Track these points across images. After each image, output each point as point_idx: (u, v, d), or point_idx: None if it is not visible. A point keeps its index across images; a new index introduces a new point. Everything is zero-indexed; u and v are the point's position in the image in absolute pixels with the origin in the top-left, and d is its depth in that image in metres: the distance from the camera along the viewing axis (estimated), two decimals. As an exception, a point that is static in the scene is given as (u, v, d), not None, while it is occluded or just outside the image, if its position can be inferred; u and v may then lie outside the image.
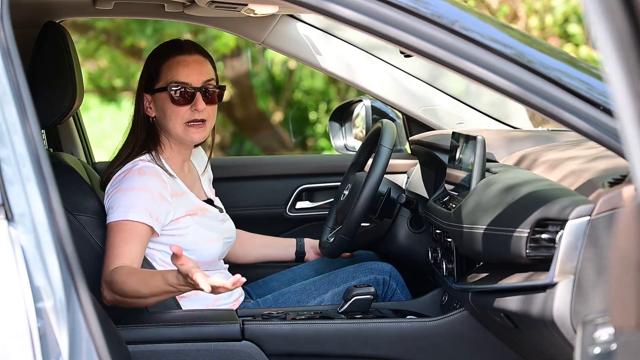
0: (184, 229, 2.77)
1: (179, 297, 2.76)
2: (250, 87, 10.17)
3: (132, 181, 2.71)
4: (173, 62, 2.81)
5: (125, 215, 2.65)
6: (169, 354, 2.56)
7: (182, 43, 2.86)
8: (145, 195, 2.68)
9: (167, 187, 2.74)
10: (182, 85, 2.78)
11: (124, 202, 2.67)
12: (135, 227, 2.65)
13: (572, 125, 1.86)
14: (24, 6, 3.04)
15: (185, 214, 2.77)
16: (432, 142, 3.24)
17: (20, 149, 1.68)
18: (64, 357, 1.61)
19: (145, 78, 2.85)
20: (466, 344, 2.64)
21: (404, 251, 3.06)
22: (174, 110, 2.79)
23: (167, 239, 2.75)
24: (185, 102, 2.79)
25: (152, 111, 2.84)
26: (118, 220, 2.66)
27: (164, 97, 2.80)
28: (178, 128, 2.80)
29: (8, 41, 1.72)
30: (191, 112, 2.79)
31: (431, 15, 1.86)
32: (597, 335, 1.46)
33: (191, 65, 2.81)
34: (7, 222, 1.66)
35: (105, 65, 10.74)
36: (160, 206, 2.70)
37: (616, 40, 1.25)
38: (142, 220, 2.65)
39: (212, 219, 2.87)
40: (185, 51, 2.82)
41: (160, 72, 2.82)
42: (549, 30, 8.39)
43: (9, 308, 1.62)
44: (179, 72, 2.79)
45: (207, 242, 2.80)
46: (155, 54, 2.88)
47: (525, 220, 2.12)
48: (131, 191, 2.69)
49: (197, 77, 2.80)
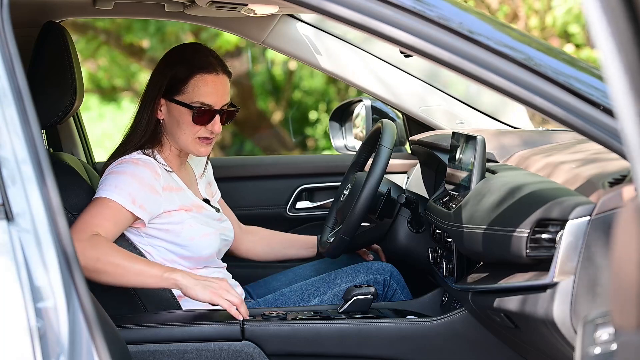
0: (178, 223, 2.78)
1: (178, 297, 2.77)
2: (251, 87, 10.17)
3: (124, 167, 2.75)
4: (200, 81, 2.80)
5: (108, 193, 2.69)
6: (169, 354, 2.56)
7: (210, 58, 2.83)
8: (132, 181, 2.72)
9: (160, 180, 2.76)
10: (205, 106, 2.80)
11: (110, 183, 2.72)
12: (114, 207, 2.68)
13: (572, 125, 1.86)
14: (24, 6, 3.04)
15: (179, 208, 2.79)
16: (432, 142, 3.24)
17: (21, 149, 1.68)
18: (64, 357, 1.61)
19: (165, 84, 2.82)
20: (466, 344, 2.64)
21: (404, 251, 3.06)
22: (189, 126, 2.81)
23: (163, 233, 2.77)
24: (204, 122, 2.81)
25: (163, 115, 2.84)
26: (101, 197, 2.70)
27: (183, 111, 2.81)
28: (189, 141, 2.83)
29: (8, 41, 1.72)
30: (205, 130, 2.82)
31: (436, 17, 1.86)
32: (598, 335, 1.46)
33: (218, 87, 2.81)
34: (7, 222, 1.66)
35: (106, 65, 10.74)
36: (148, 196, 2.72)
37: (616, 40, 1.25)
38: (123, 203, 2.68)
39: (208, 216, 2.89)
40: (213, 70, 2.81)
41: (185, 85, 2.80)
42: (549, 30, 8.39)
43: (9, 308, 1.62)
44: (206, 94, 2.80)
45: (202, 237, 2.81)
46: (180, 62, 2.84)
47: (525, 220, 2.12)
48: (121, 175, 2.73)
49: (220, 99, 2.82)
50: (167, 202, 2.77)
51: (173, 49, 2.94)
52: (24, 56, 1.78)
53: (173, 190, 2.81)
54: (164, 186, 2.77)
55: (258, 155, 9.49)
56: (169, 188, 2.79)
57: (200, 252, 2.81)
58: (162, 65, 2.87)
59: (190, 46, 2.97)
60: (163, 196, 2.76)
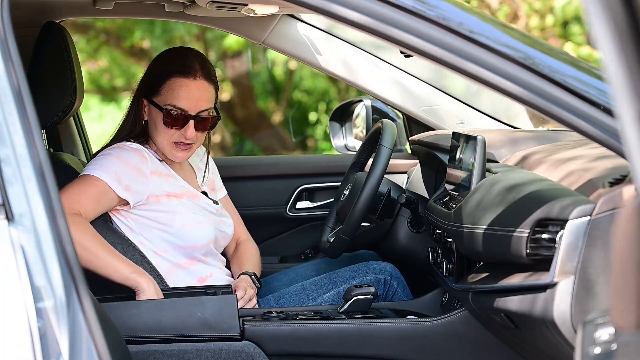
0: (168, 212, 2.78)
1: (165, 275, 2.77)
2: (251, 87, 10.17)
3: (112, 150, 2.78)
4: (175, 84, 2.79)
5: (94, 171, 2.71)
6: (169, 354, 2.55)
7: (192, 62, 2.81)
8: (119, 162, 2.73)
9: (148, 163, 2.78)
10: (178, 110, 2.78)
11: (96, 162, 2.74)
12: (99, 185, 2.69)
13: (572, 126, 1.86)
14: (24, 6, 3.04)
15: (166, 193, 2.79)
16: (433, 142, 3.24)
17: (21, 149, 1.68)
18: (64, 357, 1.61)
19: (146, 83, 2.85)
20: (466, 344, 2.64)
21: (404, 251, 3.06)
22: (163, 129, 2.81)
23: (153, 222, 2.77)
24: (176, 125, 2.80)
25: (146, 115, 2.86)
26: (86, 174, 2.71)
27: (157, 113, 2.82)
28: (165, 144, 2.83)
29: (8, 41, 1.72)
30: (179, 134, 2.81)
31: (436, 17, 1.86)
32: (598, 335, 1.46)
33: (192, 92, 2.79)
34: (7, 222, 1.66)
35: (106, 65, 10.74)
36: (134, 177, 2.74)
37: (616, 40, 1.25)
38: (108, 182, 2.69)
39: (202, 206, 2.89)
40: (191, 74, 2.79)
41: (161, 86, 2.81)
42: (549, 30, 8.39)
43: (9, 308, 1.62)
44: (179, 97, 2.78)
45: (195, 225, 2.80)
46: (162, 62, 2.86)
47: (525, 220, 2.12)
48: (108, 156, 2.75)
49: (195, 104, 2.79)
50: (154, 186, 2.77)
51: (164, 51, 2.95)
52: (24, 56, 1.78)
53: (162, 175, 2.81)
54: (151, 170, 2.78)
55: (258, 155, 9.48)
56: (157, 173, 2.80)
57: (193, 241, 2.80)
58: (149, 66, 2.90)
59: (179, 49, 2.97)
60: (150, 180, 2.77)
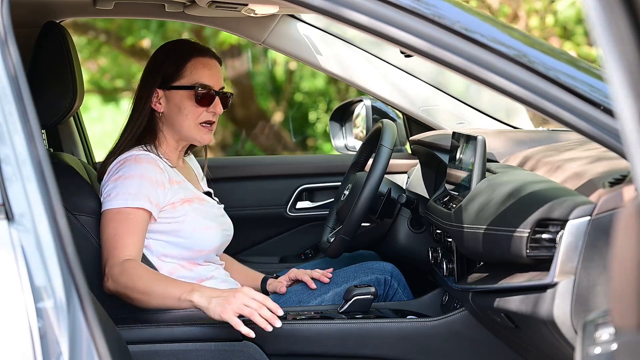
0: (180, 217, 2.78)
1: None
2: (251, 87, 10.17)
3: (129, 169, 2.73)
4: (198, 63, 2.86)
5: (126, 202, 2.68)
6: (169, 354, 2.55)
7: (201, 46, 2.92)
8: (143, 182, 2.71)
9: (165, 174, 2.77)
10: (207, 87, 2.85)
11: (122, 190, 2.69)
12: (136, 215, 2.68)
13: (572, 126, 1.86)
14: (24, 6, 3.04)
15: (181, 200, 2.79)
16: (433, 142, 3.24)
17: (21, 149, 1.68)
18: (64, 357, 1.61)
19: (160, 75, 2.86)
20: (466, 344, 2.64)
21: (404, 251, 3.06)
22: (192, 110, 2.84)
23: (164, 226, 2.77)
24: (206, 104, 2.85)
25: (162, 107, 2.86)
26: (119, 208, 2.67)
27: (184, 95, 2.84)
28: (192, 127, 2.85)
29: (8, 41, 1.72)
30: (207, 113, 2.86)
31: (432, 15, 1.86)
32: (598, 335, 1.46)
33: (214, 70, 2.89)
34: (7, 222, 1.66)
35: (106, 65, 10.74)
36: (158, 192, 2.73)
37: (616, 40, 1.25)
38: (143, 206, 2.68)
39: (210, 207, 2.89)
40: (207, 54, 2.89)
41: (183, 70, 2.85)
42: (550, 30, 8.39)
43: (9, 308, 1.62)
44: (205, 75, 2.86)
45: (204, 230, 2.80)
46: (172, 52, 2.90)
47: (525, 220, 2.12)
48: (130, 179, 2.71)
49: (217, 81, 2.88)
50: (172, 195, 2.78)
51: (163, 45, 2.97)
52: (24, 56, 1.78)
53: (176, 183, 2.82)
54: (169, 179, 2.79)
55: (258, 155, 9.49)
56: (173, 181, 2.81)
57: (201, 246, 2.80)
58: (154, 60, 2.91)
59: (179, 40, 3.04)
60: (170, 189, 2.78)
